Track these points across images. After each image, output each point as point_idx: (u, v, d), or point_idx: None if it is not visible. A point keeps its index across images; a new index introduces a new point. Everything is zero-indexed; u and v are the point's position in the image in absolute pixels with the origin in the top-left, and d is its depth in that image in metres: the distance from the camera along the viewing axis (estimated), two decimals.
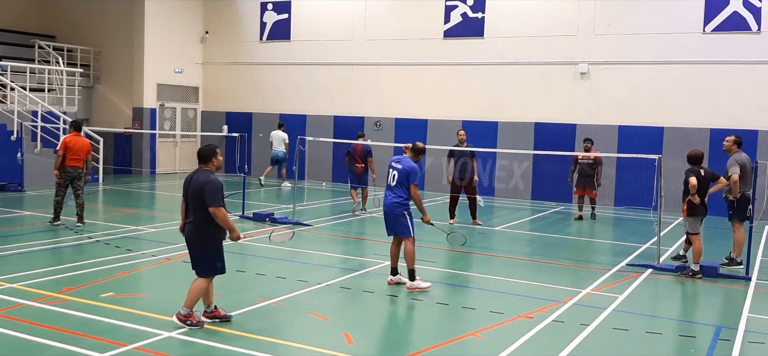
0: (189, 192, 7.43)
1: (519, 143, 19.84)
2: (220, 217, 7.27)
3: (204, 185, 7.25)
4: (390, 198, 9.31)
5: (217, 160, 7.48)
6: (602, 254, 12.83)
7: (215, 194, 7.24)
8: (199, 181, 7.32)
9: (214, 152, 7.51)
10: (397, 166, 9.34)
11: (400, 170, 9.28)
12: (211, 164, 7.46)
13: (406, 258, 9.21)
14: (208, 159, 7.46)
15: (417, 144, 9.58)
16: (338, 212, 16.69)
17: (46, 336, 6.93)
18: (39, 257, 10.67)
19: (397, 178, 9.27)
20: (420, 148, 9.53)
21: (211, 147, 7.59)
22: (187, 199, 7.49)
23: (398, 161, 9.40)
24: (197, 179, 7.36)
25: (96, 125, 22.96)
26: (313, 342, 7.12)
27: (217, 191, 7.26)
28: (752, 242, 11.00)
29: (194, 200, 7.33)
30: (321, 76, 23.28)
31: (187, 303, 7.39)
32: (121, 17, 23.52)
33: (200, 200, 7.26)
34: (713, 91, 18.28)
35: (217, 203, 7.24)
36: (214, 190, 7.24)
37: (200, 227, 7.34)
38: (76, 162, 13.38)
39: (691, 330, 8.30)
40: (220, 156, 7.58)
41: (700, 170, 10.76)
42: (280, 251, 11.74)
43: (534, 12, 20.26)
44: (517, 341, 7.30)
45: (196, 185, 7.31)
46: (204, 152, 7.52)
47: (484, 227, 14.81)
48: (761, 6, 17.70)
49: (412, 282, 9.23)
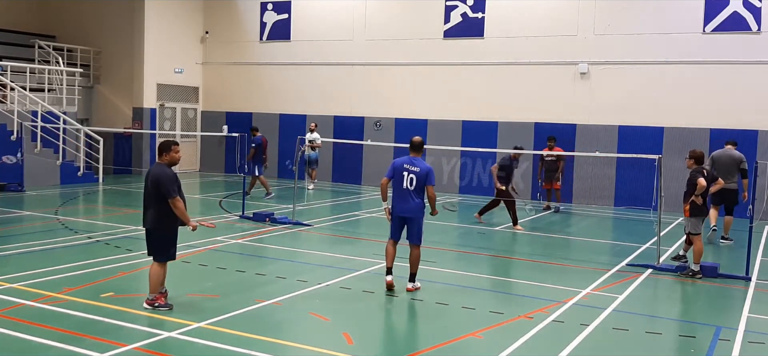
0: (148, 184, 7.93)
1: (519, 143, 19.78)
2: (179, 208, 7.80)
3: (159, 177, 7.79)
4: (412, 203, 9.07)
5: (170, 154, 7.97)
6: (602, 254, 12.83)
7: (170, 186, 7.75)
8: (154, 174, 7.86)
9: (169, 146, 8.01)
10: (414, 169, 9.05)
11: (419, 173, 9.03)
12: (164, 157, 7.97)
13: (416, 262, 9.18)
14: (161, 153, 8.01)
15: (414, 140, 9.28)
16: (338, 212, 16.70)
17: (46, 336, 6.93)
18: (39, 258, 10.66)
19: (417, 182, 9.02)
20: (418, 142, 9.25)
21: (167, 141, 8.10)
22: (146, 190, 7.96)
23: (412, 164, 9.09)
24: (154, 172, 7.90)
25: (96, 125, 22.96)
26: (313, 342, 7.12)
27: (170, 182, 7.77)
28: (752, 242, 10.99)
29: (152, 192, 7.84)
30: (321, 76, 23.28)
31: (151, 289, 7.97)
32: (121, 17, 23.52)
33: (157, 192, 7.78)
34: (713, 91, 18.27)
35: (173, 194, 7.75)
36: (168, 181, 7.76)
37: (158, 216, 7.87)
38: None
39: (691, 330, 8.30)
40: (178, 152, 8.05)
41: (704, 171, 10.76)
42: (280, 252, 11.75)
43: (534, 12, 20.26)
44: (517, 341, 7.30)
45: (153, 178, 7.84)
46: (160, 146, 8.07)
47: (484, 227, 14.81)
48: (761, 6, 17.70)
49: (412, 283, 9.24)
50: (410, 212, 9.11)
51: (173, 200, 7.73)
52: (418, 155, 9.24)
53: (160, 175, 7.80)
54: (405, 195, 9.11)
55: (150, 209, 7.91)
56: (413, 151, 9.25)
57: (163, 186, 7.72)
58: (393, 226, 9.30)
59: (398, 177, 9.14)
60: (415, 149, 9.25)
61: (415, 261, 9.22)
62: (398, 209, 9.17)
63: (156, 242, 7.97)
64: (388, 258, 9.27)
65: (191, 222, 7.96)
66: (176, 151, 8.02)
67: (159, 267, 7.96)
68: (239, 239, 12.41)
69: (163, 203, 7.77)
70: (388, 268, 9.25)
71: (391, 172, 9.23)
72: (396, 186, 9.18)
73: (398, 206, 9.17)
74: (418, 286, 9.29)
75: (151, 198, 7.87)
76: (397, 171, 9.15)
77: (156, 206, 7.83)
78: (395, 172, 9.17)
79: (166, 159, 7.96)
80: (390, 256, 9.27)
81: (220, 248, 11.54)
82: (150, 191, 7.87)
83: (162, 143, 8.09)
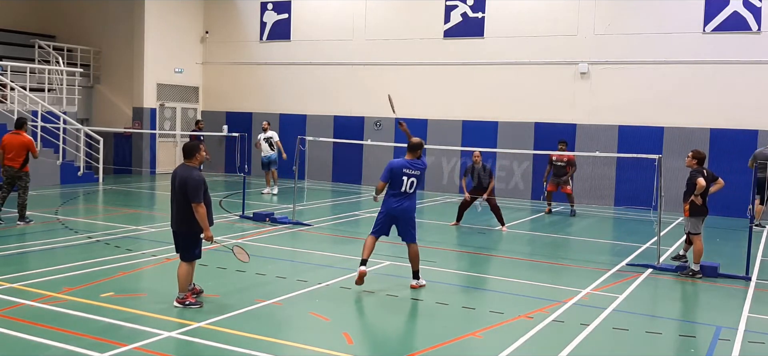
0: (175, 185, 8.03)
1: (519, 143, 19.84)
2: (201, 214, 7.86)
3: (187, 180, 7.87)
4: (407, 204, 9.09)
5: (200, 155, 8.12)
6: (602, 254, 12.83)
7: (197, 190, 7.83)
8: (182, 176, 7.94)
9: (197, 147, 8.15)
10: (414, 172, 9.03)
11: (419, 175, 9.09)
12: (194, 160, 8.08)
13: (416, 259, 9.26)
14: (192, 154, 8.08)
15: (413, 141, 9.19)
16: (338, 212, 16.70)
17: (46, 336, 6.93)
18: (39, 257, 10.67)
19: (416, 185, 9.10)
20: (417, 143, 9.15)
21: (194, 143, 8.26)
22: (173, 192, 8.07)
23: (412, 167, 9.06)
24: (181, 174, 7.97)
25: (96, 125, 22.96)
26: (313, 342, 7.11)
27: (198, 186, 7.85)
28: (752, 242, 10.99)
29: (179, 193, 7.94)
30: (321, 76, 23.28)
31: (180, 288, 8.08)
32: (121, 17, 23.51)
33: (183, 194, 7.89)
34: (713, 91, 18.27)
35: (198, 199, 7.83)
36: (195, 186, 7.83)
37: (184, 218, 7.97)
38: (12, 161, 13.24)
39: (691, 330, 8.30)
40: (203, 152, 8.21)
41: (704, 171, 10.76)
42: (280, 252, 11.75)
43: (534, 12, 20.26)
44: (517, 341, 7.30)
45: (181, 180, 7.92)
46: (187, 148, 8.16)
47: (484, 227, 14.81)
48: (761, 6, 17.69)
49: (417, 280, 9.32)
50: (404, 212, 9.12)
51: (197, 206, 7.82)
52: (416, 157, 9.19)
53: (187, 178, 7.88)
54: (401, 196, 9.10)
55: (176, 210, 8.06)
56: (411, 153, 9.18)
57: (190, 190, 7.83)
58: (380, 222, 9.25)
59: (396, 180, 9.09)
60: (413, 151, 9.18)
61: (414, 258, 9.27)
62: (392, 207, 9.13)
63: (182, 243, 8.11)
64: (366, 250, 9.15)
65: (208, 233, 7.99)
66: (202, 150, 8.23)
67: (187, 267, 8.08)
68: (239, 239, 12.41)
69: (188, 205, 7.88)
70: (363, 260, 9.09)
71: (387, 175, 9.12)
72: (392, 187, 9.14)
73: (392, 205, 9.13)
74: (423, 283, 9.33)
75: (178, 200, 7.99)
76: (396, 175, 9.08)
77: (182, 207, 7.96)
78: (393, 175, 9.09)
79: (195, 161, 8.09)
80: (368, 248, 9.15)
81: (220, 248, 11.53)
82: (176, 193, 7.99)
83: (189, 145, 8.19)
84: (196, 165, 8.07)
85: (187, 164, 8.07)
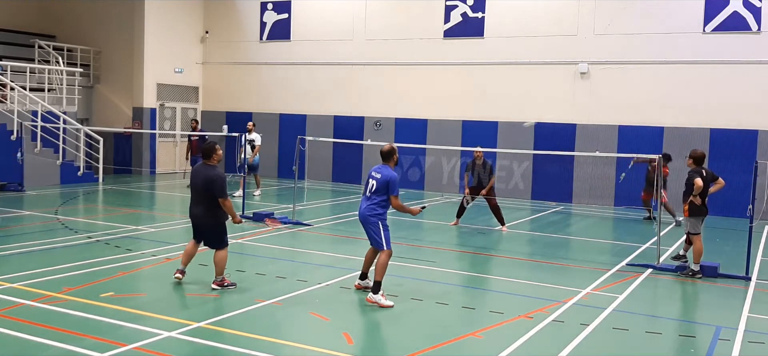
0: (198, 184, 8.85)
1: (519, 143, 19.84)
2: (228, 206, 8.79)
3: (214, 179, 8.74)
4: (364, 206, 8.93)
5: (217, 155, 8.91)
6: (602, 254, 12.83)
7: (223, 188, 8.76)
8: (208, 176, 8.77)
9: (214, 148, 8.92)
10: (377, 175, 8.92)
11: (379, 179, 8.85)
12: (213, 159, 8.87)
13: (377, 268, 8.72)
14: (210, 155, 8.87)
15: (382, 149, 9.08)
16: (338, 211, 16.70)
17: (46, 336, 6.93)
18: (39, 257, 10.66)
19: (375, 187, 8.85)
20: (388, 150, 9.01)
21: (211, 144, 8.98)
22: (196, 189, 8.90)
23: (378, 171, 9.00)
24: (206, 174, 8.81)
25: (96, 125, 22.96)
26: (313, 342, 7.11)
27: (224, 184, 8.79)
28: (752, 242, 10.99)
29: (204, 192, 8.76)
30: (321, 76, 23.28)
31: (217, 272, 8.86)
32: (121, 17, 23.52)
33: (210, 192, 8.71)
34: (713, 91, 18.26)
35: (226, 195, 8.78)
36: (222, 184, 8.76)
37: (210, 212, 8.81)
38: None
39: (691, 330, 8.30)
40: (220, 150, 9.00)
41: (702, 171, 10.76)
42: (280, 252, 11.75)
43: (534, 12, 20.26)
44: (517, 341, 7.30)
45: (206, 179, 8.76)
46: (206, 149, 8.94)
47: (484, 227, 14.80)
48: (761, 6, 17.69)
49: (374, 295, 8.59)
50: (362, 215, 8.94)
51: (224, 201, 8.72)
52: (386, 164, 9.03)
53: (214, 177, 8.75)
54: (364, 199, 8.99)
55: (200, 206, 8.85)
56: (383, 159, 9.08)
57: (217, 188, 8.69)
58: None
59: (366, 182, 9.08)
60: (384, 158, 9.06)
61: (378, 266, 8.66)
62: (359, 211, 9.06)
63: (213, 235, 8.89)
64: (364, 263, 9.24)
65: (237, 218, 9.05)
66: (219, 150, 8.97)
67: (222, 253, 8.86)
68: (239, 239, 12.41)
69: (214, 200, 8.72)
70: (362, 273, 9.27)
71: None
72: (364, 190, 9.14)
73: (359, 209, 9.07)
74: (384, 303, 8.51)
75: (202, 196, 8.79)
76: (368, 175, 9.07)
77: (207, 203, 8.78)
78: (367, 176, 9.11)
79: (214, 160, 8.87)
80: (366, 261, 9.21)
81: None
82: (200, 190, 8.82)
83: (207, 146, 8.95)
84: (215, 164, 8.86)
85: (206, 163, 8.87)
